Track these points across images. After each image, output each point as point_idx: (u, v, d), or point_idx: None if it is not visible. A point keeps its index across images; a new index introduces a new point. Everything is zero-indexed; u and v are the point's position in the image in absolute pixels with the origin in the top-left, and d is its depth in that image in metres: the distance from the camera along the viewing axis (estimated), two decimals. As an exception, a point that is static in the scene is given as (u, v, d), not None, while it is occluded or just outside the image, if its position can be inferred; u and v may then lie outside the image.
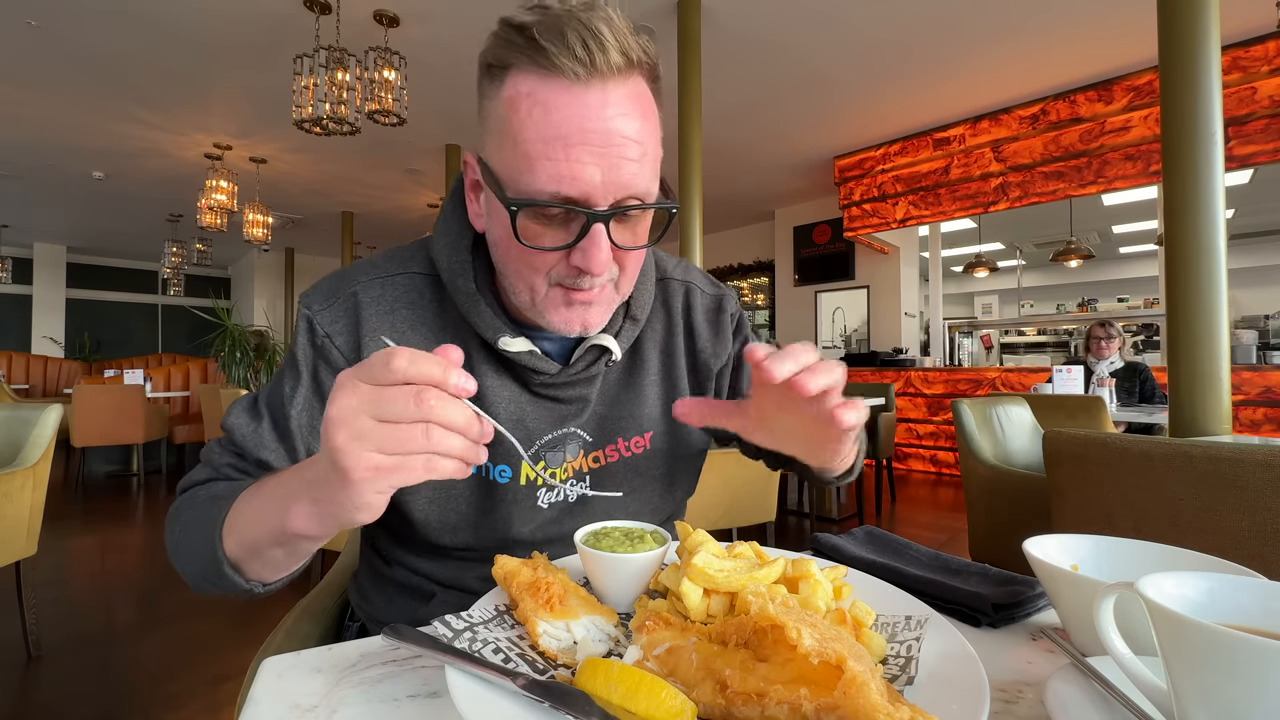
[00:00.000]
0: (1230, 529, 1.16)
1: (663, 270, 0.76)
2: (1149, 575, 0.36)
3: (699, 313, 0.76)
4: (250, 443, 0.61)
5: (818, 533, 0.71)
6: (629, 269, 0.59)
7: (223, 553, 0.50)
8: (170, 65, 4.52)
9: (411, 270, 0.66)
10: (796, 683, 0.34)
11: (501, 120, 0.52)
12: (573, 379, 0.65)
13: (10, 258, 10.05)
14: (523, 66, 0.51)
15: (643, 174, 0.53)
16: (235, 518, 0.50)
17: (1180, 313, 2.21)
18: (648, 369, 0.73)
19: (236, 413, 0.63)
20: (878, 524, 3.93)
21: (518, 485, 0.65)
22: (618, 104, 0.51)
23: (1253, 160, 4.04)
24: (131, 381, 5.73)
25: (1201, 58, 2.20)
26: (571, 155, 0.50)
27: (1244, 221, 8.45)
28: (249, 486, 0.52)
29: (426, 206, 8.18)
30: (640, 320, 0.69)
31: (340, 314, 0.63)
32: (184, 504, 0.59)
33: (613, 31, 0.50)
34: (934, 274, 6.88)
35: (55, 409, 2.07)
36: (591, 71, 0.50)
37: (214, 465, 0.62)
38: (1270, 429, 4.06)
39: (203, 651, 2.15)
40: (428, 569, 0.68)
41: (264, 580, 0.52)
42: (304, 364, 0.63)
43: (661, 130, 0.57)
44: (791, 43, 4.21)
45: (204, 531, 0.52)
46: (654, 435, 0.72)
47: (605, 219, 0.52)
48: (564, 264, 0.55)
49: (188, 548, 0.54)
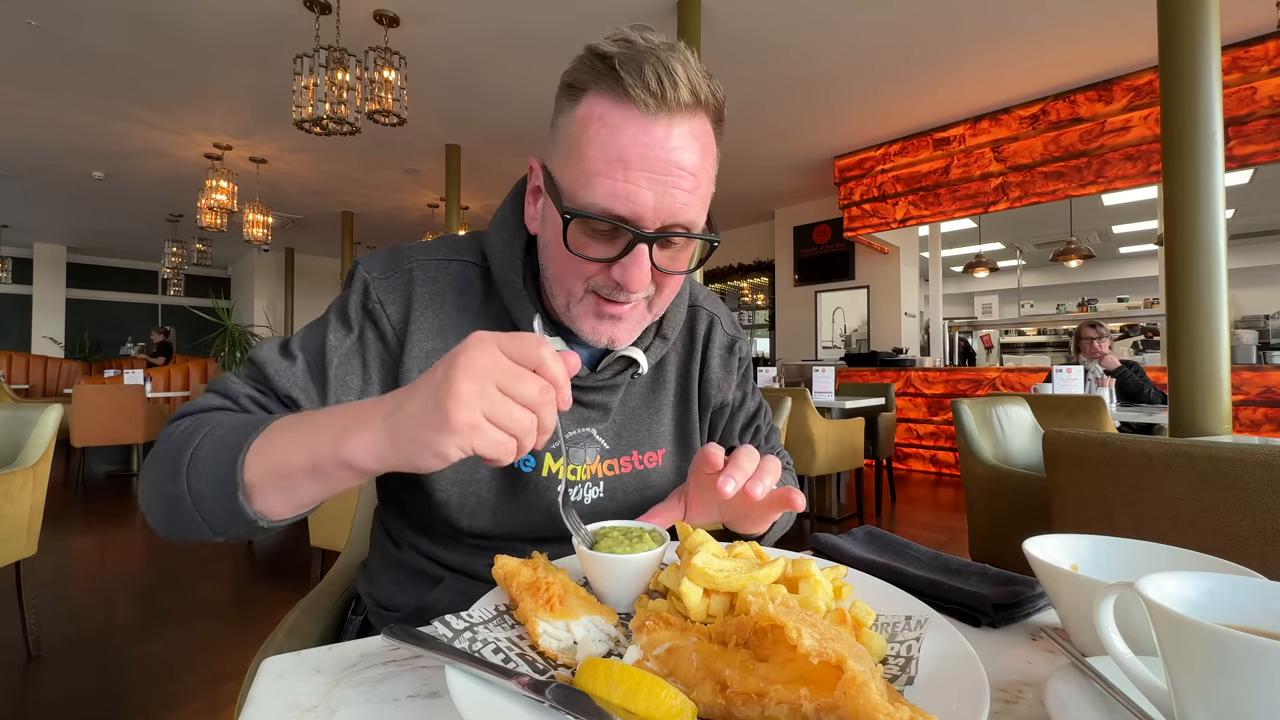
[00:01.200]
0: (1230, 529, 1.16)
1: (694, 297, 0.81)
2: (1149, 575, 0.36)
3: (716, 345, 0.80)
4: (283, 377, 0.61)
5: (818, 533, 0.71)
6: (665, 291, 0.63)
7: (242, 474, 0.48)
8: (170, 65, 4.53)
9: (465, 259, 0.69)
10: (796, 683, 0.34)
11: (571, 136, 0.57)
12: (599, 384, 0.68)
13: (10, 258, 10.07)
14: (599, 91, 0.55)
15: (692, 205, 0.56)
16: (269, 441, 0.49)
17: (1180, 313, 2.21)
18: (668, 388, 0.77)
19: (268, 348, 0.63)
20: (878, 524, 3.93)
21: (539, 476, 0.68)
22: (680, 138, 0.55)
23: (1253, 160, 4.05)
24: (131, 381, 5.73)
25: (1201, 58, 2.20)
26: (630, 178, 0.54)
27: (1244, 221, 8.45)
28: (284, 416, 0.51)
29: (426, 206, 8.18)
30: (669, 340, 0.73)
31: (396, 286, 0.66)
32: (190, 426, 0.54)
33: (686, 71, 0.54)
34: (934, 274, 6.89)
35: (55, 409, 2.07)
36: (661, 105, 0.54)
37: (229, 394, 0.60)
38: (1270, 429, 4.06)
39: (203, 651, 2.15)
40: (438, 553, 0.70)
41: (269, 515, 0.50)
42: (355, 321, 0.65)
43: (717, 167, 0.61)
44: (791, 43, 4.21)
45: (225, 449, 0.49)
46: (666, 453, 0.76)
47: (650, 240, 0.56)
48: (604, 274, 0.59)
49: (191, 469, 0.50)
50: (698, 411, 0.79)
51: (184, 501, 0.50)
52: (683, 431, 0.78)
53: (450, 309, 0.67)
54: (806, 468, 3.52)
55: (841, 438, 3.69)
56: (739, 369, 0.83)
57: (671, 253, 0.60)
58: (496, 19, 3.96)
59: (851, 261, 7.28)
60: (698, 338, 0.79)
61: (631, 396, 0.73)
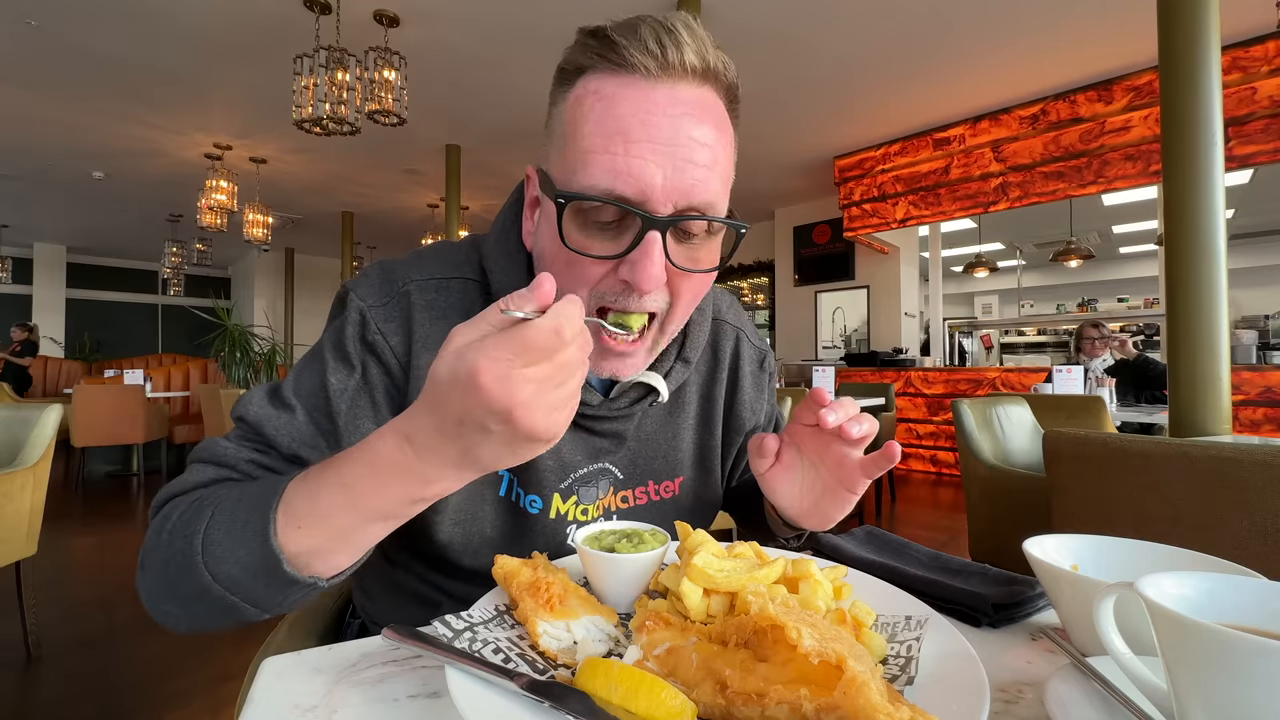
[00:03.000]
0: (1230, 529, 1.16)
1: (718, 311, 0.72)
2: (1149, 575, 0.36)
3: (746, 363, 0.73)
4: (283, 434, 0.54)
5: (817, 533, 0.71)
6: (683, 299, 0.53)
7: (278, 551, 0.42)
8: (170, 65, 4.53)
9: (465, 275, 0.62)
10: (796, 683, 0.34)
11: (564, 123, 0.50)
12: (614, 413, 0.62)
13: (10, 258, 10.06)
14: (595, 67, 0.49)
15: (710, 184, 0.48)
16: (309, 504, 0.43)
17: (1180, 313, 2.21)
18: (687, 410, 0.70)
19: (258, 403, 0.56)
20: (878, 524, 3.93)
21: (546, 518, 0.63)
22: (688, 104, 0.48)
23: (1253, 160, 4.04)
24: (131, 381, 5.73)
25: (1201, 58, 2.20)
26: (632, 150, 0.46)
27: (1244, 221, 8.45)
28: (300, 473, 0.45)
29: (426, 206, 8.18)
30: (691, 363, 0.65)
31: (395, 314, 0.59)
32: (189, 512, 0.47)
33: (691, 35, 0.48)
34: (934, 274, 6.89)
35: (55, 409, 2.07)
36: (664, 67, 0.47)
37: (223, 461, 0.53)
38: (1270, 429, 4.06)
39: (203, 651, 2.15)
40: (440, 581, 0.66)
41: (334, 571, 0.45)
42: (356, 357, 0.58)
43: (736, 154, 0.53)
44: (791, 43, 4.21)
45: (246, 530, 0.43)
46: (683, 481, 0.70)
47: (663, 227, 0.47)
48: (612, 277, 0.50)
49: (209, 556, 0.44)
50: (721, 435, 0.72)
51: (190, 607, 0.46)
52: (703, 456, 0.72)
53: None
54: (806, 468, 3.51)
55: (841, 438, 3.68)
56: (771, 385, 0.77)
57: (690, 248, 0.51)
58: (496, 19, 3.96)
59: (851, 261, 7.28)
60: (723, 357, 0.72)
61: (648, 422, 0.67)
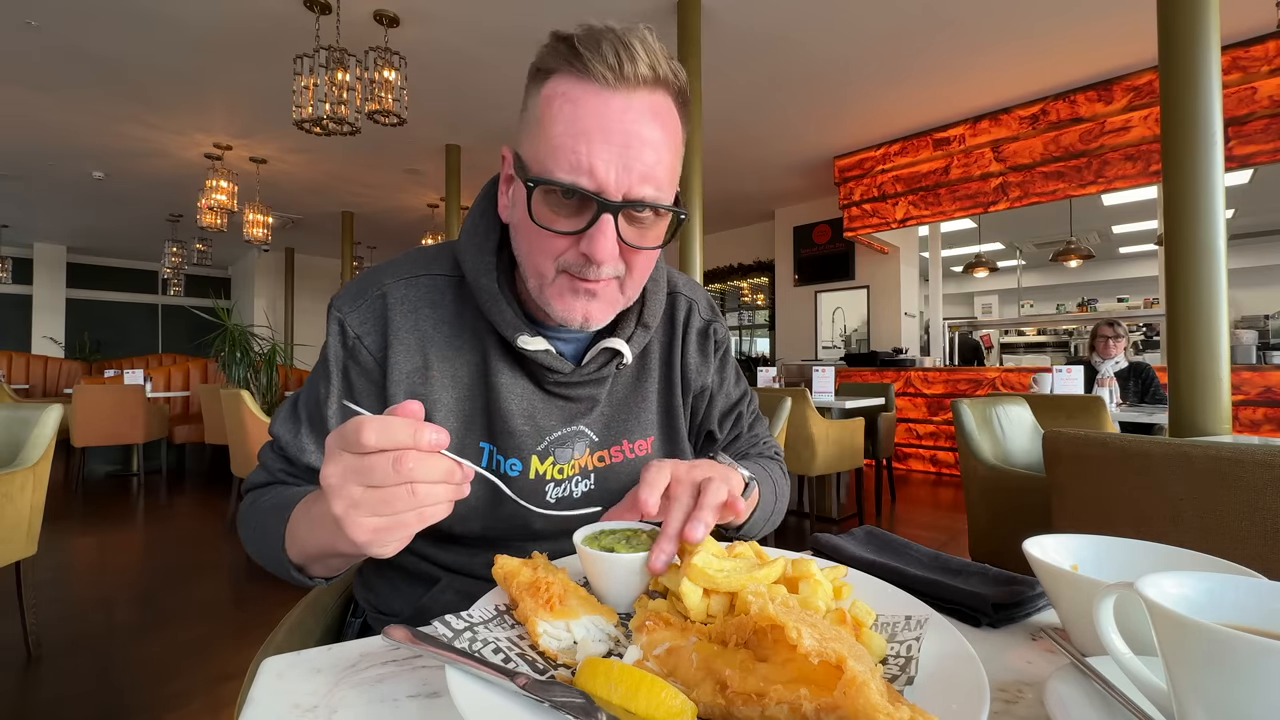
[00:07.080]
0: (1230, 529, 1.16)
1: (673, 284, 0.82)
2: (1149, 575, 0.36)
3: (693, 330, 0.81)
4: (293, 449, 0.67)
5: (818, 533, 0.71)
6: (636, 270, 0.63)
7: (288, 559, 0.56)
8: (170, 65, 4.53)
9: (434, 272, 0.70)
10: (796, 683, 0.34)
11: (536, 117, 0.59)
12: (584, 379, 0.69)
13: (10, 258, 10.05)
14: (562, 70, 0.57)
15: (656, 176, 0.57)
16: (294, 531, 0.56)
17: (1180, 313, 2.21)
18: (652, 375, 0.78)
19: (280, 420, 0.69)
20: (878, 524, 3.93)
21: (527, 479, 0.68)
22: (640, 111, 0.56)
23: (1253, 160, 4.05)
24: (131, 381, 5.73)
25: (1201, 58, 2.20)
26: (591, 150, 0.55)
27: (1244, 221, 8.45)
28: (302, 499, 0.56)
29: (426, 206, 8.18)
30: (651, 328, 0.73)
31: (369, 314, 0.67)
32: (249, 509, 0.65)
33: (645, 49, 0.56)
34: (934, 274, 6.89)
35: (55, 409, 2.07)
36: (620, 79, 0.55)
37: (269, 469, 0.68)
38: (1270, 429, 4.06)
39: (203, 651, 2.15)
40: (434, 554, 0.70)
41: (328, 577, 0.59)
42: (335, 366, 0.68)
43: (683, 150, 0.63)
44: (791, 43, 4.21)
45: (270, 540, 0.58)
46: (654, 440, 0.77)
47: (615, 210, 0.56)
48: (573, 250, 0.59)
49: (259, 549, 0.62)
50: (680, 397, 0.79)
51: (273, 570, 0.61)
52: (668, 418, 0.79)
53: (426, 324, 0.67)
54: (806, 468, 3.52)
55: (841, 438, 3.69)
56: (716, 353, 0.84)
57: (639, 229, 0.60)
58: (496, 19, 3.96)
59: (851, 261, 7.28)
60: (678, 324, 0.80)
61: (618, 387, 0.75)
